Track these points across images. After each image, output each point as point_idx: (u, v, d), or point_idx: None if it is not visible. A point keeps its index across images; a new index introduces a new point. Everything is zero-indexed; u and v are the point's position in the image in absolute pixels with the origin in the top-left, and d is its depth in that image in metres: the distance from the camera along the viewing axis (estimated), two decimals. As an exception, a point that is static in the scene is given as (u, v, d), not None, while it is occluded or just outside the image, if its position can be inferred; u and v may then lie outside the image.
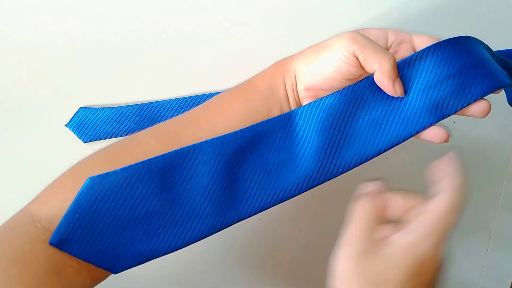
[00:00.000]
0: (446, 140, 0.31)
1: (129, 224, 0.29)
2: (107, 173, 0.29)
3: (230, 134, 0.31)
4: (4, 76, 0.42)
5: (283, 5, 0.42)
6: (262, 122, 0.32)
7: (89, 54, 0.42)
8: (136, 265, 0.30)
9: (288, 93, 0.33)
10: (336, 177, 0.32)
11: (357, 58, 0.31)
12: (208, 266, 0.53)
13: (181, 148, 0.31)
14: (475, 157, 0.51)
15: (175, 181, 0.30)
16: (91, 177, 0.29)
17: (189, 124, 0.33)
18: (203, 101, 0.44)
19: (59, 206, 0.29)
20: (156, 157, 0.30)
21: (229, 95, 0.34)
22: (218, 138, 0.31)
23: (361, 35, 0.31)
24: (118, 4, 0.40)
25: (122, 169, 0.30)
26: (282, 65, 0.34)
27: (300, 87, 0.33)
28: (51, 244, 0.28)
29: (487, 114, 0.31)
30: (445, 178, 0.29)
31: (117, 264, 0.30)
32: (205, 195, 0.30)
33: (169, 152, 0.30)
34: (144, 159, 0.30)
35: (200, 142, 0.31)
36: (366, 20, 0.43)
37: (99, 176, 0.29)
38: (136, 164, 0.30)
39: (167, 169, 0.30)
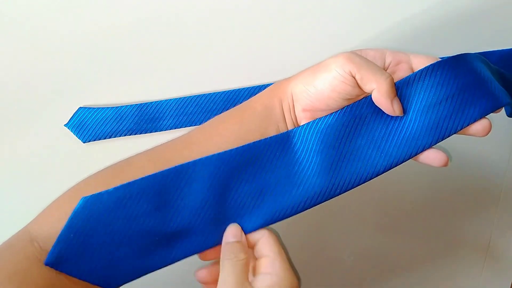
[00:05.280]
0: (446, 164, 0.31)
1: (123, 242, 0.29)
2: (100, 193, 0.29)
3: (225, 152, 0.31)
4: (3, 76, 0.42)
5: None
6: (259, 141, 0.32)
7: (89, 54, 0.42)
8: (130, 281, 0.30)
9: (285, 114, 0.33)
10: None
11: (354, 78, 0.30)
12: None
13: (175, 166, 0.31)
14: (473, 169, 0.51)
15: (168, 199, 0.30)
16: (84, 197, 0.29)
17: (183, 146, 0.33)
18: (202, 101, 0.44)
19: (55, 227, 0.29)
20: (149, 176, 0.30)
21: (225, 117, 0.34)
22: (212, 156, 0.31)
23: (357, 55, 0.31)
24: (118, 4, 0.40)
25: (115, 188, 0.30)
26: (279, 86, 0.34)
27: (298, 108, 0.33)
28: (46, 264, 0.29)
29: (488, 133, 0.31)
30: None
31: (112, 280, 0.30)
32: (198, 212, 0.30)
33: (162, 171, 0.30)
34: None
35: (195, 160, 0.31)
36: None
37: (92, 196, 0.29)
38: (129, 183, 0.30)
39: (160, 187, 0.30)
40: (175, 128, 0.44)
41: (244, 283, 0.29)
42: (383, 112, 0.32)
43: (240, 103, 0.36)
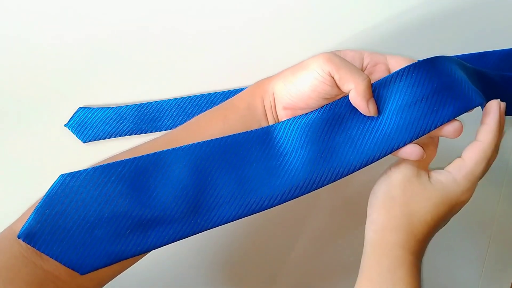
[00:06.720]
0: (422, 157, 0.33)
1: (98, 224, 0.30)
2: (77, 171, 0.30)
3: (205, 141, 0.32)
4: (4, 76, 0.42)
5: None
6: (239, 134, 0.33)
7: (89, 54, 0.42)
8: (103, 266, 0.30)
9: (267, 112, 0.34)
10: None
11: (333, 78, 0.31)
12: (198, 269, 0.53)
13: (155, 152, 0.31)
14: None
15: (146, 183, 0.31)
16: (63, 174, 0.29)
17: (166, 144, 0.33)
18: (201, 101, 0.44)
19: None
20: (128, 159, 0.31)
21: (208, 115, 0.35)
22: (192, 144, 0.32)
23: (336, 56, 0.32)
24: (118, 4, 0.40)
25: (93, 168, 0.30)
26: (261, 85, 0.35)
27: (279, 107, 0.34)
28: (19, 237, 0.28)
29: (459, 134, 0.33)
30: (482, 126, 0.33)
31: (84, 264, 0.30)
32: (175, 199, 0.31)
33: (142, 156, 0.31)
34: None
35: (174, 148, 0.31)
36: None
37: (70, 174, 0.29)
38: (108, 164, 0.30)
39: (139, 172, 0.31)
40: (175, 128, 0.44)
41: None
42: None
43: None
